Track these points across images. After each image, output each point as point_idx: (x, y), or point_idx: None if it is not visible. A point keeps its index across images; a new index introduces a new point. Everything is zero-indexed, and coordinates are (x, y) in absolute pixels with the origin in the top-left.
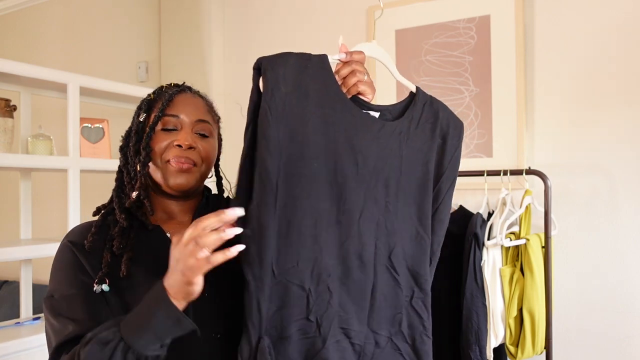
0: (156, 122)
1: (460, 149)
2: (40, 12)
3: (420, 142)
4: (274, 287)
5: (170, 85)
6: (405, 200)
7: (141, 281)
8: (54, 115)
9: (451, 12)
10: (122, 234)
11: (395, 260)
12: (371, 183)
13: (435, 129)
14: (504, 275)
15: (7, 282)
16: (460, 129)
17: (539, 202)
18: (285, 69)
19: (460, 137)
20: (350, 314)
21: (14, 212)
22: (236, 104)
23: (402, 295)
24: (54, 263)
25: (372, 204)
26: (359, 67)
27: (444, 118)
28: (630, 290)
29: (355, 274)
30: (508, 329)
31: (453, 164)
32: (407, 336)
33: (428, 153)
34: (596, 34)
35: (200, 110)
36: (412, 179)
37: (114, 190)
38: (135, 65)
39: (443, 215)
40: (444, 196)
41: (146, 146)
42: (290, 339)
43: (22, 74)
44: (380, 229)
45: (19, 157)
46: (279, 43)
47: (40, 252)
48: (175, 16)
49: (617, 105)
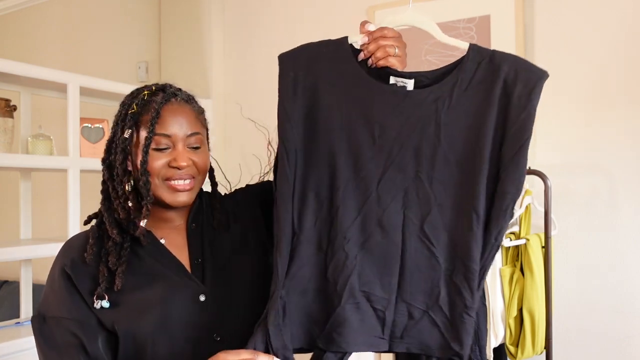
0: (148, 144)
1: (532, 104)
2: (40, 12)
3: (471, 106)
4: (297, 246)
5: (152, 90)
6: (448, 169)
7: (135, 292)
8: (54, 115)
9: (451, 12)
10: (116, 248)
11: (430, 230)
12: (393, 152)
13: (494, 88)
14: (504, 275)
15: (7, 282)
16: (534, 80)
17: (539, 202)
18: (299, 56)
19: (532, 90)
20: (372, 278)
21: (14, 212)
22: (236, 103)
23: (440, 268)
24: (49, 283)
25: (394, 172)
26: (387, 42)
27: (510, 71)
28: (630, 290)
29: (376, 239)
30: (508, 329)
31: (521, 123)
32: (447, 312)
33: (483, 116)
34: (596, 34)
35: (190, 122)
36: (458, 146)
37: (102, 204)
38: (135, 65)
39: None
40: (510, 162)
41: (144, 172)
42: (309, 295)
43: (22, 74)
44: (410, 198)
45: (19, 157)
46: (278, 43)
47: (40, 252)
48: (175, 16)
49: (617, 105)
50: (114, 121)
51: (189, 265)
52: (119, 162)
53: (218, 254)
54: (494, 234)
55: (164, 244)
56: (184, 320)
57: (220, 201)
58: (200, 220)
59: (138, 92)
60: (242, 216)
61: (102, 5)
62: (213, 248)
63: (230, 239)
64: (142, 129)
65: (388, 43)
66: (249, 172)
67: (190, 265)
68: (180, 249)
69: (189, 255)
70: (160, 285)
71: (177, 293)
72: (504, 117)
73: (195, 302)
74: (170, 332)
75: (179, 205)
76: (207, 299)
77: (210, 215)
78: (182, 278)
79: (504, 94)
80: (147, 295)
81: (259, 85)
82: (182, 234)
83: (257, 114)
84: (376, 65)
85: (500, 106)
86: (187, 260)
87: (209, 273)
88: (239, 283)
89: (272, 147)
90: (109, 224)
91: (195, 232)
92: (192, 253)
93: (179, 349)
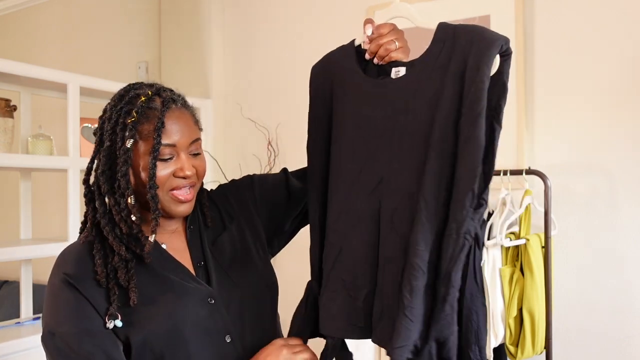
0: (156, 156)
1: (480, 73)
2: (40, 12)
3: (434, 88)
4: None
5: (148, 95)
6: (415, 157)
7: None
8: (54, 115)
9: (451, 12)
10: (123, 263)
11: (398, 220)
12: (374, 143)
13: (452, 65)
14: (504, 275)
15: (7, 282)
16: (483, 49)
17: (538, 202)
18: (321, 62)
19: (481, 59)
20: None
21: (14, 212)
22: (236, 103)
23: (401, 262)
24: (52, 298)
25: (373, 162)
26: (385, 39)
27: (467, 44)
28: (630, 290)
29: (358, 230)
30: (508, 329)
31: (472, 97)
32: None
33: (442, 98)
34: (596, 34)
35: (191, 129)
36: (422, 132)
37: (102, 218)
38: (135, 65)
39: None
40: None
41: (154, 185)
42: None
43: (22, 74)
44: (385, 187)
45: (19, 157)
46: (279, 43)
47: (40, 252)
48: (175, 16)
49: (617, 105)
50: (109, 128)
51: (192, 269)
52: (122, 175)
53: (220, 255)
54: (453, 228)
55: (166, 249)
56: (196, 325)
57: (208, 198)
58: (197, 222)
59: (131, 97)
60: (236, 215)
61: (102, 5)
62: (214, 249)
63: (230, 239)
64: (145, 139)
65: (386, 40)
66: (249, 172)
67: (193, 268)
68: (182, 252)
69: (191, 259)
70: (169, 292)
71: (187, 298)
72: (460, 94)
73: (205, 305)
74: (185, 338)
75: (181, 215)
76: (216, 301)
77: (202, 214)
78: (190, 282)
79: (460, 69)
80: (158, 304)
81: (259, 85)
82: (182, 237)
83: (257, 114)
84: (383, 63)
85: (457, 83)
86: (189, 263)
87: (214, 275)
88: (244, 282)
89: (272, 147)
90: (113, 239)
91: (194, 235)
92: (194, 256)
93: (195, 354)
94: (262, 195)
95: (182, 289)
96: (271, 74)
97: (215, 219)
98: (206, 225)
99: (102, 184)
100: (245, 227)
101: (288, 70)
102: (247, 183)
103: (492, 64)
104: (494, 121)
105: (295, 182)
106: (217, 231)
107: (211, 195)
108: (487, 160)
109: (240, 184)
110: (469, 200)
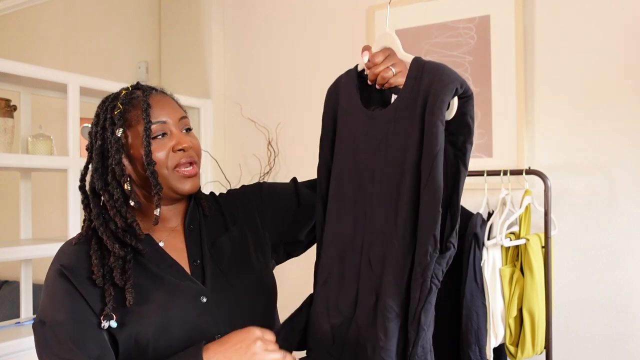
0: (149, 134)
1: (435, 116)
2: (40, 12)
3: (404, 126)
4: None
5: (128, 89)
6: (389, 194)
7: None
8: (54, 115)
9: (451, 12)
10: (120, 263)
11: (374, 257)
12: (359, 176)
13: (418, 104)
14: (504, 275)
15: (7, 282)
16: (439, 90)
17: (539, 202)
18: (333, 85)
19: (436, 101)
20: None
21: (14, 212)
22: (236, 103)
23: (373, 299)
24: (47, 289)
25: (360, 196)
26: (381, 67)
27: (429, 84)
28: (630, 290)
29: (346, 259)
30: (508, 329)
31: (428, 140)
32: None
33: (410, 137)
34: (596, 34)
35: (176, 107)
36: (395, 170)
37: (96, 219)
38: (135, 65)
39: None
40: (424, 186)
41: (151, 161)
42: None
43: (22, 74)
44: (367, 222)
45: (19, 157)
46: (279, 43)
47: (40, 252)
48: (175, 16)
49: (617, 105)
50: (96, 130)
51: (188, 268)
52: (116, 162)
53: (218, 255)
54: (419, 272)
55: (163, 247)
56: (186, 322)
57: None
58: (197, 222)
59: (113, 96)
60: (240, 219)
61: (102, 5)
62: (213, 250)
63: (230, 241)
64: (135, 124)
65: (382, 68)
66: (249, 172)
67: (189, 267)
68: (179, 251)
69: (188, 257)
70: (162, 290)
71: (179, 296)
72: (422, 135)
73: (197, 303)
74: (172, 334)
75: (189, 192)
76: (208, 300)
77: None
78: (183, 280)
79: (422, 111)
80: (150, 302)
81: (259, 85)
82: (180, 236)
83: (257, 114)
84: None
85: (420, 125)
86: (186, 262)
87: (209, 274)
88: (239, 284)
89: (272, 147)
90: (107, 238)
91: (193, 234)
92: (191, 255)
93: (180, 351)
94: (269, 202)
95: (174, 287)
96: (271, 74)
97: (217, 220)
98: (205, 215)
99: (96, 182)
100: (247, 231)
101: (288, 70)
102: (256, 189)
103: (445, 108)
104: (459, 163)
105: (305, 192)
106: (218, 233)
107: (217, 198)
108: (452, 203)
109: (249, 190)
110: (431, 246)
